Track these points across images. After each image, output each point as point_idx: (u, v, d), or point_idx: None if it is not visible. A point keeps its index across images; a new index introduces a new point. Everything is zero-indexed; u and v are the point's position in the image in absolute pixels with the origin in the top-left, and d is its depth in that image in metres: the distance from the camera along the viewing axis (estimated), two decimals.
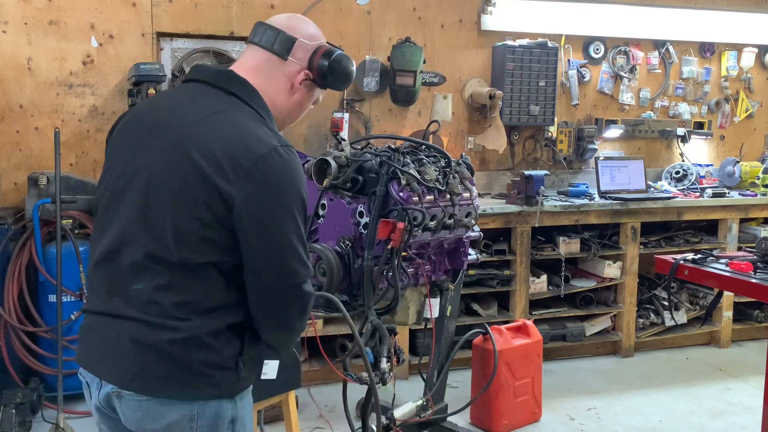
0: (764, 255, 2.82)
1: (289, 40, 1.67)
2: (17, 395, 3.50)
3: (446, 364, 3.41)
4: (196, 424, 1.58)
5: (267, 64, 1.67)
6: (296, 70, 1.68)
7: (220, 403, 1.61)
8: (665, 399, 4.16)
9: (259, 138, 1.55)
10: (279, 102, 1.69)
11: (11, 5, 4.05)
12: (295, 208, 1.56)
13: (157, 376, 1.56)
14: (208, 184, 1.50)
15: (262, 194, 1.52)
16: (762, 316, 5.18)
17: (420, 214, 2.56)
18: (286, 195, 1.54)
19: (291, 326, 1.65)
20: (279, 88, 1.68)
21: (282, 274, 1.57)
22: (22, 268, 3.79)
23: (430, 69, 4.76)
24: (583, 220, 4.57)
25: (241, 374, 1.62)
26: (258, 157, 1.51)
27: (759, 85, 5.75)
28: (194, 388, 1.57)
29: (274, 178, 1.52)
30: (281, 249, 1.56)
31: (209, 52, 4.35)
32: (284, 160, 1.54)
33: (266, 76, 1.67)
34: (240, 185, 1.50)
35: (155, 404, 1.58)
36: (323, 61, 1.69)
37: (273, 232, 1.55)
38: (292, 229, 1.56)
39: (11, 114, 4.12)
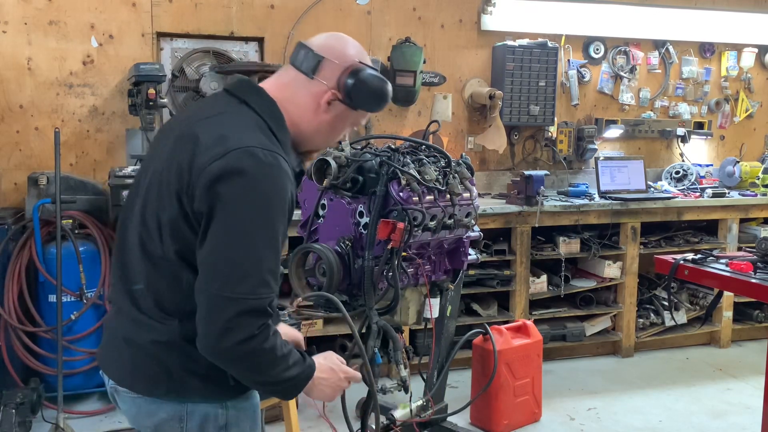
0: (764, 255, 2.82)
1: (316, 58, 1.62)
2: (17, 395, 3.50)
3: (446, 364, 3.40)
4: (185, 424, 1.60)
5: (294, 82, 1.65)
6: (322, 90, 1.63)
7: (208, 407, 1.61)
8: (665, 399, 4.16)
9: (239, 137, 1.50)
10: (304, 120, 1.65)
11: (11, 5, 4.05)
12: (256, 213, 1.46)
13: (145, 375, 1.59)
14: (180, 176, 1.50)
15: (222, 188, 1.45)
16: (762, 316, 5.18)
17: (420, 214, 2.56)
18: (247, 195, 1.46)
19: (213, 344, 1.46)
20: (304, 106, 1.64)
21: (215, 278, 1.45)
22: (22, 268, 3.79)
23: (430, 69, 4.76)
24: (583, 220, 4.57)
25: (229, 383, 1.58)
26: (228, 152, 1.47)
27: (759, 85, 5.76)
28: (178, 391, 1.58)
29: (237, 174, 1.45)
30: (222, 251, 1.45)
31: (209, 52, 4.35)
32: (256, 159, 1.47)
33: (292, 93, 1.64)
34: (203, 178, 1.46)
35: (147, 402, 1.60)
36: (348, 80, 1.62)
37: (220, 230, 1.46)
38: (245, 233, 1.45)
39: (11, 114, 4.12)
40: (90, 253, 3.87)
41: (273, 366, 1.52)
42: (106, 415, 3.81)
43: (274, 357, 1.51)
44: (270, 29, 4.49)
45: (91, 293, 3.83)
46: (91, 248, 3.89)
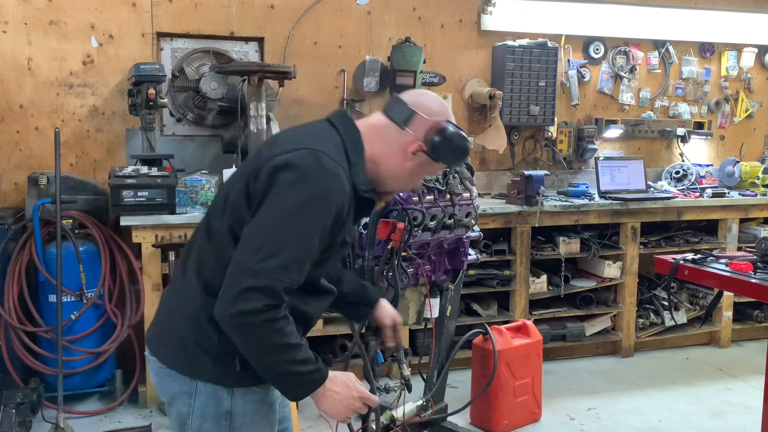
0: (764, 255, 2.82)
1: (409, 111, 1.77)
2: (17, 395, 3.50)
3: (446, 364, 3.41)
4: (194, 401, 1.72)
5: (385, 128, 1.79)
6: (410, 141, 1.76)
7: (216, 389, 1.71)
8: (665, 399, 4.16)
9: (312, 142, 1.67)
10: (386, 162, 1.78)
11: (11, 5, 4.05)
12: (302, 207, 1.58)
13: (167, 345, 1.75)
14: (255, 162, 1.69)
15: (280, 176, 1.60)
16: (762, 316, 5.18)
17: (420, 214, 2.56)
18: (299, 187, 1.59)
19: (224, 308, 1.56)
20: (390, 152, 1.78)
21: (246, 249, 1.57)
22: (22, 268, 3.79)
23: (430, 69, 4.76)
24: (583, 220, 4.57)
25: (237, 369, 1.67)
26: (297, 149, 1.64)
27: (759, 85, 5.76)
28: (190, 366, 1.71)
29: (297, 167, 1.60)
30: (261, 228, 1.59)
31: (209, 52, 4.35)
32: (318, 161, 1.62)
33: (381, 138, 1.78)
34: (270, 164, 1.63)
35: (165, 374, 1.75)
36: (436, 136, 1.75)
37: (266, 212, 1.60)
38: (285, 219, 1.58)
39: (11, 114, 4.12)
40: (90, 253, 3.87)
41: (277, 351, 1.59)
42: (106, 415, 3.82)
43: (279, 341, 1.58)
44: (270, 29, 4.49)
45: (91, 293, 3.83)
46: (91, 248, 3.90)
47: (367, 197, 1.75)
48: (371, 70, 4.64)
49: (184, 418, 1.74)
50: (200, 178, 3.93)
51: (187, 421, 1.74)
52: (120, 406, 3.90)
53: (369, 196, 1.76)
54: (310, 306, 1.79)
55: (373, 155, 1.77)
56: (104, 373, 3.99)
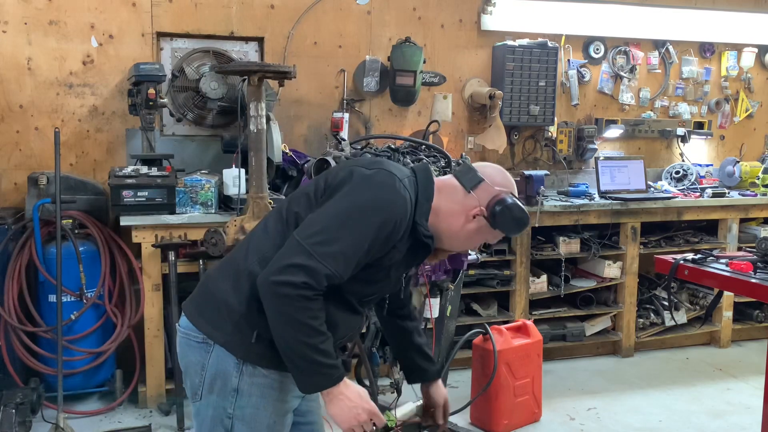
0: (764, 255, 2.82)
1: (477, 179, 1.90)
2: (17, 395, 3.50)
3: (446, 364, 3.41)
4: (205, 372, 1.80)
5: (453, 189, 1.91)
6: (473, 205, 1.88)
7: (227, 359, 1.78)
8: (665, 399, 4.16)
9: (393, 169, 1.81)
10: (446, 220, 1.89)
11: (11, 5, 4.05)
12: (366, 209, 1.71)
13: (195, 302, 1.87)
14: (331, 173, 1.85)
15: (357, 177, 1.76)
16: (762, 316, 5.18)
17: None
18: (371, 192, 1.73)
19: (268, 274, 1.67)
20: (454, 211, 1.89)
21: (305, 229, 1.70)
22: (22, 268, 3.79)
23: (430, 69, 4.76)
24: (583, 220, 4.57)
25: (251, 341, 1.75)
26: (378, 168, 1.79)
27: (759, 85, 5.75)
28: (209, 324, 1.79)
29: (374, 178, 1.76)
30: (325, 215, 1.72)
31: (209, 52, 4.34)
32: (394, 181, 1.76)
33: (449, 196, 1.90)
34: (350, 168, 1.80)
35: (185, 342, 1.85)
36: (497, 205, 1.87)
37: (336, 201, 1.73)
38: (350, 215, 1.70)
39: (11, 114, 4.12)
40: (90, 253, 3.87)
41: (301, 329, 1.66)
42: (106, 415, 3.82)
43: (305, 320, 1.65)
44: (270, 29, 4.49)
45: (91, 293, 3.83)
46: (91, 248, 3.89)
47: (425, 242, 1.85)
48: (371, 70, 4.64)
49: (195, 388, 1.84)
50: (200, 178, 3.93)
51: (197, 391, 1.83)
52: (120, 406, 3.90)
53: (427, 241, 1.85)
54: (339, 317, 1.83)
55: (438, 208, 1.87)
56: (104, 373, 3.99)
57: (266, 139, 3.66)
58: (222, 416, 1.80)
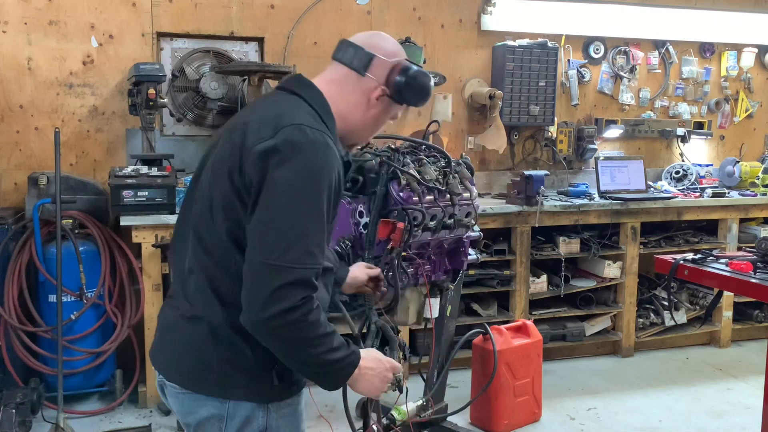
0: (764, 255, 2.82)
1: (368, 56, 1.69)
2: (17, 395, 3.50)
3: (446, 364, 3.40)
4: (225, 425, 1.60)
5: (345, 79, 1.70)
6: (373, 86, 1.70)
7: (250, 407, 1.60)
8: (665, 399, 4.16)
9: (290, 116, 1.56)
10: (353, 115, 1.71)
11: (11, 5, 4.05)
12: (305, 185, 1.50)
13: (188, 368, 1.61)
14: (233, 155, 1.55)
15: (272, 162, 1.50)
16: (762, 316, 5.18)
17: (420, 214, 2.56)
18: (295, 168, 1.50)
19: (257, 314, 1.46)
20: (355, 103, 1.70)
21: (262, 247, 1.47)
22: (22, 268, 3.79)
23: (430, 69, 4.76)
24: (583, 220, 4.57)
25: (275, 383, 1.59)
26: (279, 129, 1.53)
27: (759, 85, 5.76)
28: (220, 386, 1.58)
29: (287, 148, 1.50)
30: (269, 221, 1.48)
31: (209, 52, 4.35)
32: (305, 135, 1.52)
33: (342, 90, 1.70)
34: (255, 153, 1.52)
35: (190, 399, 1.62)
36: (399, 77, 1.69)
37: (268, 201, 1.49)
38: (292, 204, 1.49)
39: (11, 114, 4.12)
40: (90, 253, 3.87)
41: (316, 343, 1.50)
42: (106, 415, 3.82)
43: (316, 333, 1.49)
44: (270, 29, 4.49)
45: (91, 293, 3.83)
46: (91, 248, 3.89)
47: (345, 161, 1.71)
48: None
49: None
50: None
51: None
52: (120, 406, 3.90)
53: (347, 159, 1.73)
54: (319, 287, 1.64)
55: (340, 113, 1.68)
56: (104, 373, 3.99)
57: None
58: None
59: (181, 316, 1.62)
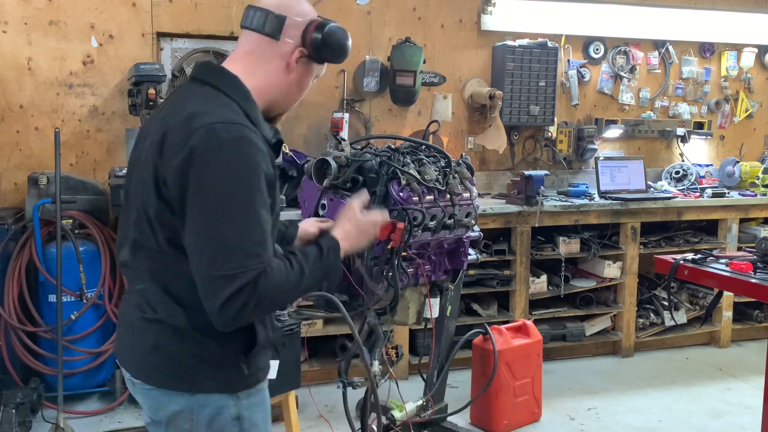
0: (764, 255, 2.82)
1: (279, 19, 1.62)
2: (17, 395, 3.50)
3: (446, 364, 3.40)
4: (196, 417, 1.61)
5: (260, 48, 1.64)
6: (290, 49, 1.64)
7: (221, 397, 1.62)
8: (665, 399, 4.16)
9: (201, 117, 1.50)
10: (275, 84, 1.66)
11: (11, 5, 4.05)
12: (230, 187, 1.47)
13: (156, 366, 1.62)
14: (156, 168, 1.53)
15: (189, 171, 1.47)
16: (762, 316, 5.18)
17: (420, 214, 2.56)
18: (213, 173, 1.46)
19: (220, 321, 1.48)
20: (273, 70, 1.64)
21: (203, 261, 1.46)
22: (22, 268, 3.79)
23: (430, 69, 4.76)
24: (583, 220, 4.57)
25: (243, 372, 1.62)
26: (191, 134, 1.48)
27: (759, 85, 5.75)
28: (191, 382, 1.60)
29: (200, 154, 1.46)
30: (202, 233, 1.47)
31: (209, 52, 4.35)
32: (216, 136, 1.47)
33: (257, 60, 1.64)
34: (172, 165, 1.49)
35: (159, 394, 1.63)
36: (316, 34, 1.63)
37: (195, 213, 1.47)
38: (220, 210, 1.46)
39: (11, 114, 4.12)
40: (90, 253, 3.87)
41: (294, 290, 1.56)
42: (106, 415, 3.82)
43: (286, 288, 1.53)
44: None
45: (91, 293, 3.83)
46: (91, 248, 3.89)
47: (276, 140, 1.65)
48: (371, 70, 4.64)
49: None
50: None
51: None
52: (120, 406, 3.89)
53: (277, 138, 1.66)
54: None
55: (261, 86, 1.63)
56: (104, 373, 3.99)
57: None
58: None
59: (143, 318, 1.62)
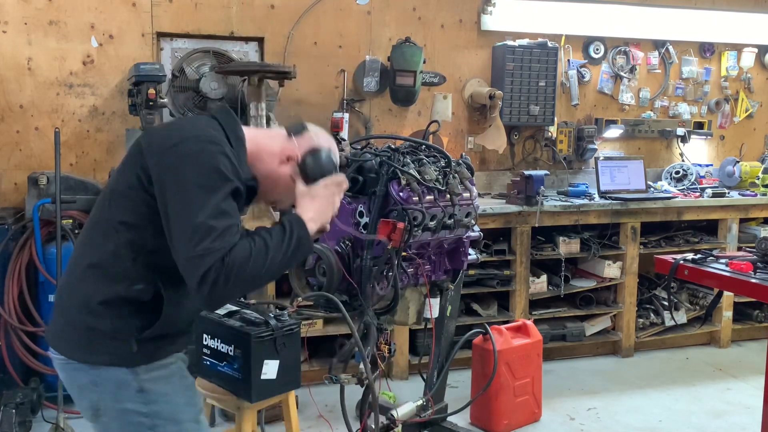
0: (764, 255, 2.82)
1: (303, 128, 1.92)
2: (17, 395, 3.50)
3: (446, 364, 3.41)
4: (101, 389, 1.77)
5: (277, 134, 1.93)
6: (292, 148, 1.87)
7: (119, 371, 1.76)
8: (665, 399, 4.16)
9: (190, 129, 1.73)
10: (267, 160, 1.87)
11: (11, 5, 4.05)
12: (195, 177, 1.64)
13: (64, 337, 1.80)
14: (139, 157, 1.73)
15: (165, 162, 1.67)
16: (762, 316, 5.18)
17: (420, 214, 2.56)
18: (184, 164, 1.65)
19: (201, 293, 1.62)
20: (271, 151, 1.87)
21: (179, 243, 1.63)
22: (22, 268, 3.79)
23: (430, 69, 4.76)
24: (583, 220, 4.57)
25: (134, 350, 1.74)
26: (180, 140, 1.69)
27: (759, 85, 5.76)
28: (88, 353, 1.76)
29: (178, 149, 1.67)
30: (174, 218, 1.64)
31: (209, 52, 4.34)
32: (197, 139, 1.68)
33: (267, 136, 1.92)
34: (153, 158, 1.69)
35: (70, 368, 1.80)
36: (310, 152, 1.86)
37: (168, 201, 1.65)
38: (188, 197, 1.62)
39: (11, 114, 4.12)
40: None
41: (262, 263, 1.64)
42: None
43: (253, 263, 1.63)
44: (270, 29, 4.49)
45: None
46: None
47: (250, 185, 1.80)
48: (371, 70, 4.65)
49: (95, 406, 1.79)
50: None
51: (98, 407, 1.79)
52: None
53: (251, 184, 1.82)
54: None
55: (258, 150, 1.85)
56: None
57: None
58: (139, 419, 1.78)
59: (66, 287, 1.81)
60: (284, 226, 1.74)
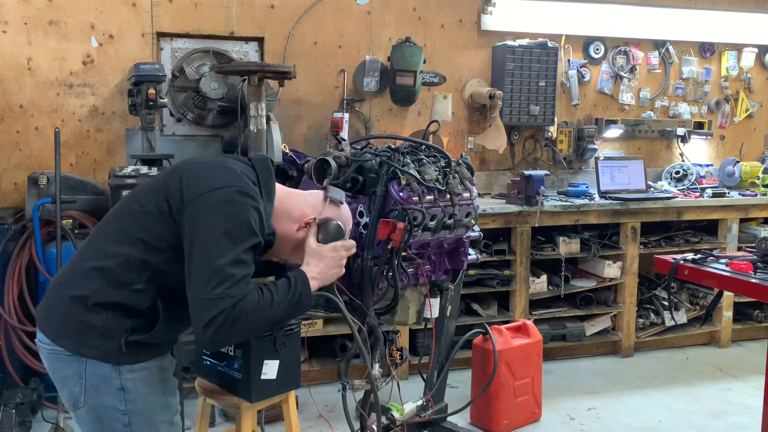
0: (764, 255, 2.82)
1: (341, 198, 2.02)
2: (17, 395, 3.50)
3: (446, 364, 3.40)
4: (84, 381, 1.82)
5: (314, 194, 2.02)
6: (313, 215, 1.97)
7: (105, 366, 1.81)
8: (665, 399, 4.16)
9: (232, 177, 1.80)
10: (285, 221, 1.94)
11: (11, 5, 4.05)
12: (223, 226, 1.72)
13: (56, 325, 1.83)
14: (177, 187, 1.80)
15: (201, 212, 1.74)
16: (762, 316, 5.18)
17: (420, 214, 2.56)
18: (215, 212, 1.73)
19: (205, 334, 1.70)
20: (292, 214, 1.96)
21: (196, 284, 1.71)
22: (22, 268, 3.79)
23: (430, 69, 4.76)
24: (583, 220, 4.57)
25: (122, 350, 1.79)
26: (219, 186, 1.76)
27: (759, 85, 5.76)
28: (77, 344, 1.80)
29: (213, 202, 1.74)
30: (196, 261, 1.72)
31: (209, 52, 4.34)
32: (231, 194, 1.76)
33: (299, 197, 2.01)
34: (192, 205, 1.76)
35: (56, 357, 1.84)
36: (327, 225, 1.95)
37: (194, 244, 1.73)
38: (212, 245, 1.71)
39: (11, 114, 4.12)
40: None
41: (265, 314, 1.74)
42: None
43: (258, 313, 1.72)
44: (270, 29, 4.49)
45: None
46: None
47: (267, 239, 1.86)
48: (371, 70, 4.64)
49: (76, 397, 1.84)
50: None
51: (79, 399, 1.84)
52: None
53: (269, 239, 1.87)
54: None
55: (279, 210, 1.92)
56: None
57: (266, 139, 3.66)
58: (116, 415, 1.84)
59: (65, 279, 1.85)
60: (290, 282, 1.81)
